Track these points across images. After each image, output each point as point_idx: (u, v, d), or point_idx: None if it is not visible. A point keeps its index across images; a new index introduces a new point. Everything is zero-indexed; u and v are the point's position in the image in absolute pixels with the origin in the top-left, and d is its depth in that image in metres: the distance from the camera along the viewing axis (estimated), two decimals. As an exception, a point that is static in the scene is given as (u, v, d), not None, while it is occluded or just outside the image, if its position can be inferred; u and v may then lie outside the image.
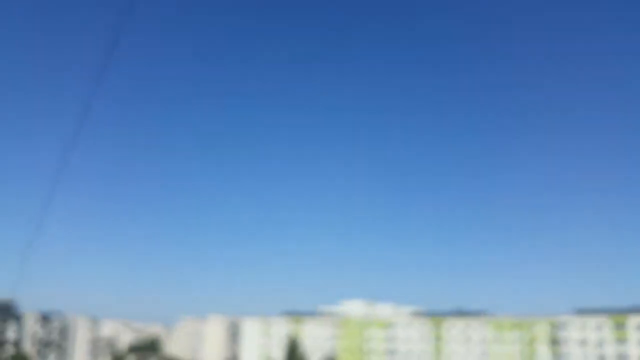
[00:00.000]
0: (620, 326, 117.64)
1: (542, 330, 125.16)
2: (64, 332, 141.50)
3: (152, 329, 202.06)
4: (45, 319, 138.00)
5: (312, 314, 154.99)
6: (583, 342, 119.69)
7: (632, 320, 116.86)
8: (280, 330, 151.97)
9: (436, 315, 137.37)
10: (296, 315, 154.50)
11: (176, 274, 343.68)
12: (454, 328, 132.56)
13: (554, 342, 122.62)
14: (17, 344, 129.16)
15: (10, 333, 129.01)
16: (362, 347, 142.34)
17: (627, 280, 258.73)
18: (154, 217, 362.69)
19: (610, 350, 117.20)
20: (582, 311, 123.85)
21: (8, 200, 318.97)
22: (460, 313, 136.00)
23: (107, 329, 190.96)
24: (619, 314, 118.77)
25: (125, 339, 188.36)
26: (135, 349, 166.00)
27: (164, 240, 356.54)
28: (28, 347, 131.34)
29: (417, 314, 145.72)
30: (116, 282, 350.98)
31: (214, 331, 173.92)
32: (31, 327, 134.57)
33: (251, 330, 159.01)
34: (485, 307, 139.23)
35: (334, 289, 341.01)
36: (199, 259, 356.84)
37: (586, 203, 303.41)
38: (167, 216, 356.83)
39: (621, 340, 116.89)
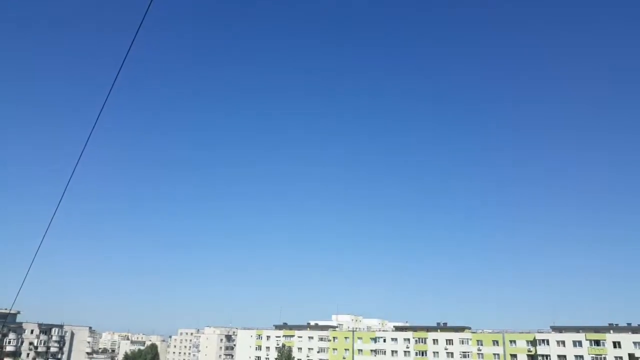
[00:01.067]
0: (598, 343, 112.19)
1: (521, 345, 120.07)
2: (63, 343, 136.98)
3: (150, 340, 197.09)
4: (44, 330, 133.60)
5: (303, 327, 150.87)
6: (562, 358, 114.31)
7: (610, 337, 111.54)
8: (273, 342, 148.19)
9: (419, 329, 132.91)
10: (288, 327, 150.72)
11: (174, 288, 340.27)
12: (437, 341, 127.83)
13: (533, 357, 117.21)
14: (15, 354, 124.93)
15: (10, 344, 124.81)
16: (350, 359, 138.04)
17: (603, 298, 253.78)
18: (154, 233, 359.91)
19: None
20: (559, 329, 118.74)
21: (12, 214, 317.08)
22: (443, 328, 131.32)
23: (106, 340, 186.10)
24: (594, 332, 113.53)
25: (124, 350, 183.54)
26: (132, 359, 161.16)
27: (163, 255, 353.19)
28: (27, 358, 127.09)
29: (401, 328, 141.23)
30: (116, 295, 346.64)
31: (209, 342, 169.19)
32: (30, 338, 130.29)
33: (245, 342, 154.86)
34: (466, 323, 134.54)
35: (324, 305, 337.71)
36: (196, 275, 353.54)
37: (566, 221, 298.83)
38: (166, 232, 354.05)
39: (599, 356, 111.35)
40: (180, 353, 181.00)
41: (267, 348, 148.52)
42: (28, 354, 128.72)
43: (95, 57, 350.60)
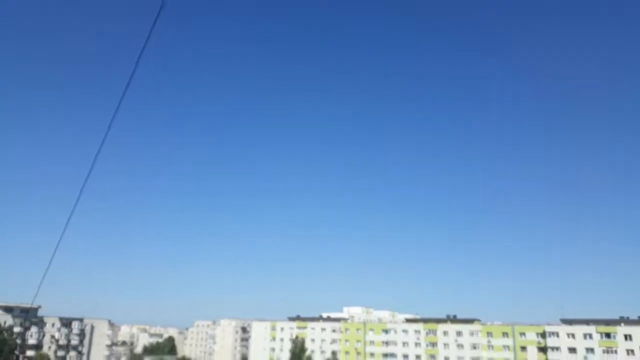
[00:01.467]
0: (609, 335, 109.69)
1: (531, 337, 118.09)
2: (84, 336, 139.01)
3: (168, 333, 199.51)
4: (65, 323, 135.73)
5: (316, 319, 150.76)
6: (572, 350, 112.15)
7: (622, 330, 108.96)
8: (287, 333, 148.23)
9: (430, 321, 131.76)
10: (301, 319, 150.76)
11: (191, 281, 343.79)
12: (447, 333, 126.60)
13: (543, 349, 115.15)
14: (37, 347, 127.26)
15: (32, 337, 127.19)
16: (362, 350, 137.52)
17: (613, 291, 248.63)
18: (171, 228, 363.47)
19: (600, 358, 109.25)
20: (569, 321, 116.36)
21: (32, 208, 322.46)
22: (453, 320, 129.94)
23: (125, 332, 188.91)
24: (605, 324, 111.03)
25: (142, 342, 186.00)
26: (151, 351, 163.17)
27: (180, 249, 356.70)
28: (49, 351, 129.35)
29: (412, 320, 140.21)
30: (134, 288, 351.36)
31: (225, 334, 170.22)
32: (52, 332, 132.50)
33: (260, 333, 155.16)
34: (475, 315, 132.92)
35: (335, 297, 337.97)
36: (212, 268, 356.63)
37: (575, 213, 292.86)
38: (182, 227, 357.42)
39: (611, 349, 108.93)
40: (197, 345, 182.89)
41: (282, 339, 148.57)
42: (50, 347, 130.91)
43: (111, 56, 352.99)
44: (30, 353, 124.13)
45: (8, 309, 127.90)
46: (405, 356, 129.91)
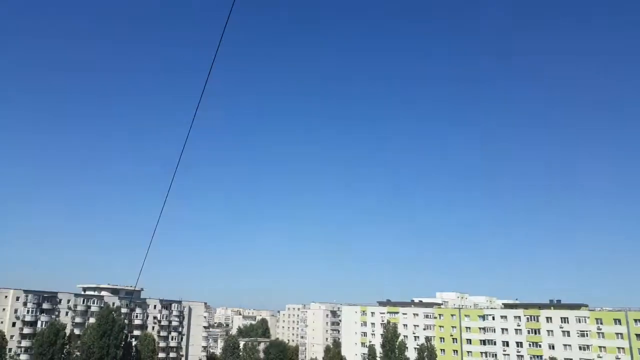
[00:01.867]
0: None
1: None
2: (182, 317, 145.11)
3: (261, 315, 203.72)
4: (165, 305, 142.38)
5: (407, 303, 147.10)
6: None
7: None
8: (377, 318, 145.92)
9: (531, 307, 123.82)
10: (392, 304, 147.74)
11: (281, 265, 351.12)
12: (551, 319, 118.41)
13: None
14: (142, 327, 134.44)
15: (137, 318, 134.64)
16: (457, 337, 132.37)
17: None
18: (262, 218, 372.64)
19: None
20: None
21: (135, 202, 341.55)
22: (557, 305, 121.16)
23: (220, 315, 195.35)
24: None
25: (237, 324, 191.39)
26: (246, 333, 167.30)
27: (271, 237, 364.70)
28: (152, 331, 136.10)
29: (511, 306, 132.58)
30: (227, 273, 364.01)
31: (316, 317, 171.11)
32: (154, 313, 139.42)
33: (350, 318, 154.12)
34: (581, 300, 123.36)
35: (427, 282, 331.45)
36: (302, 253, 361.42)
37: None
38: (272, 217, 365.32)
39: None
40: (289, 328, 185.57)
41: (372, 324, 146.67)
42: (153, 327, 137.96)
43: (189, 60, 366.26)
44: (136, 332, 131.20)
45: (115, 291, 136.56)
46: (505, 343, 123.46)
